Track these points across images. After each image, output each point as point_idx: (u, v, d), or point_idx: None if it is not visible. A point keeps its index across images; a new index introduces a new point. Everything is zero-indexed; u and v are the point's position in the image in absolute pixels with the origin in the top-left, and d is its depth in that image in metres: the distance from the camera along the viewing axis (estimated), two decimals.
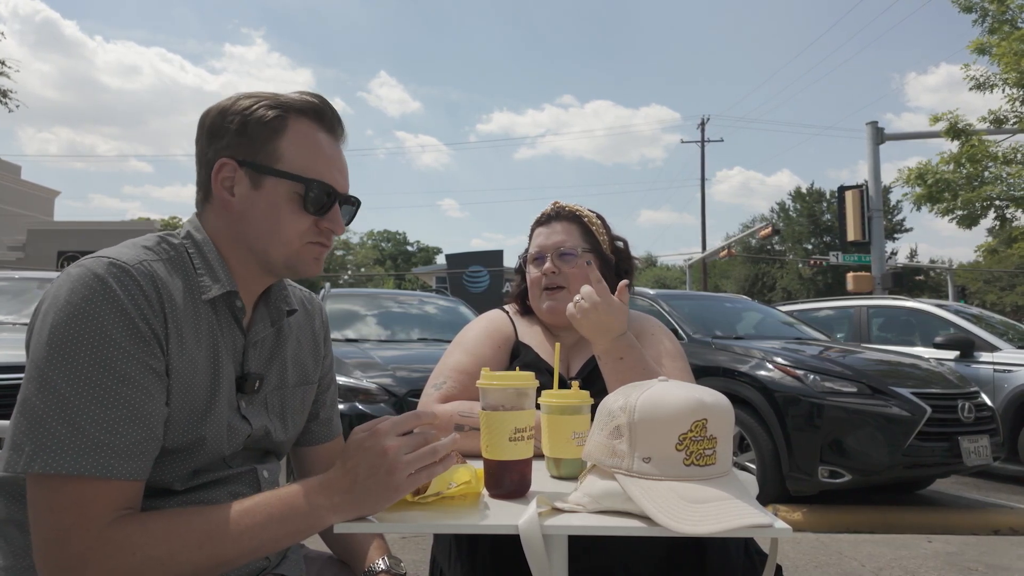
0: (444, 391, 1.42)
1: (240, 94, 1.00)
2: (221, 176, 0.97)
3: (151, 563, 0.78)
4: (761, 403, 4.22)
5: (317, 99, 1.02)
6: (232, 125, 0.97)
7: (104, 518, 0.79)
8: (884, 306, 7.13)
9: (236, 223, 0.98)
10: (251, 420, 1.00)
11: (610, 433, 0.90)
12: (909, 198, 13.19)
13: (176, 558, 0.79)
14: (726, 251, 23.80)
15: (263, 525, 0.83)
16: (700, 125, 31.29)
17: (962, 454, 4.10)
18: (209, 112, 1.00)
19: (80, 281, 0.83)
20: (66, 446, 0.78)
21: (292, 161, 0.98)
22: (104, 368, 0.81)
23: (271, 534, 0.83)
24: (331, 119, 1.03)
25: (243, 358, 1.01)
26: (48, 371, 0.79)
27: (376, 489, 0.83)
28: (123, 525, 0.79)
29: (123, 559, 0.78)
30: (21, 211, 32.93)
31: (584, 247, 1.59)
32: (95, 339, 0.81)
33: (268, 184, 0.97)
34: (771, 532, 0.80)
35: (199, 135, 1.00)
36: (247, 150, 0.97)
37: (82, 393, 0.79)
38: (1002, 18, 11.61)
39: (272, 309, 1.07)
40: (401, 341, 5.23)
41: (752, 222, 42.04)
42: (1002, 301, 32.84)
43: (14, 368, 2.86)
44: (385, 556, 1.11)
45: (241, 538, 0.82)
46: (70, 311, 0.81)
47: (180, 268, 0.95)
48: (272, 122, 0.97)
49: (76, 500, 0.78)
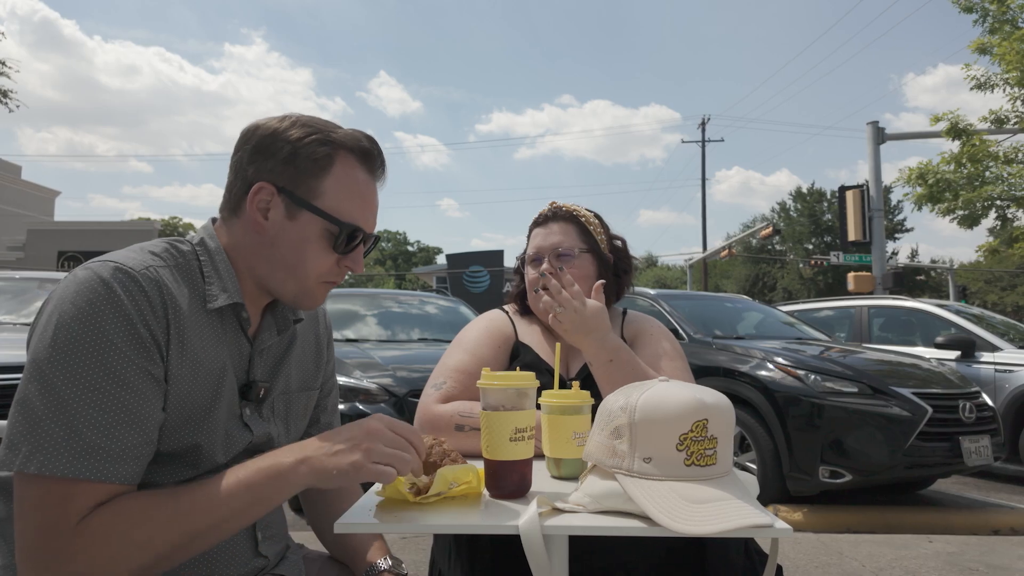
0: (444, 391, 1.42)
1: (295, 119, 0.99)
2: (258, 198, 0.97)
3: (130, 548, 0.79)
4: (762, 403, 4.21)
5: (368, 141, 1.02)
6: (281, 152, 0.96)
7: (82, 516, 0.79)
8: (885, 306, 7.12)
9: (263, 246, 0.98)
10: (253, 428, 1.00)
11: (611, 433, 0.90)
12: (910, 198, 13.17)
13: (153, 539, 0.80)
14: (727, 251, 23.80)
15: (232, 493, 0.83)
16: (700, 125, 31.30)
17: (963, 454, 4.09)
18: (258, 129, 0.99)
19: (85, 285, 0.84)
20: (62, 448, 0.78)
21: (331, 201, 0.98)
22: (104, 372, 0.81)
23: (241, 501, 0.84)
24: (376, 161, 1.03)
25: (249, 366, 1.01)
26: (49, 372, 0.80)
27: (338, 459, 0.84)
28: (98, 514, 0.80)
29: (102, 548, 0.79)
30: (21, 211, 32.94)
31: (582, 247, 1.58)
32: (97, 343, 0.81)
33: (303, 218, 0.97)
34: (771, 532, 0.80)
35: (242, 146, 0.99)
36: (290, 180, 0.97)
37: (81, 396, 0.80)
38: (1003, 18, 11.59)
39: (279, 318, 1.07)
40: (401, 341, 5.23)
41: (752, 222, 42.05)
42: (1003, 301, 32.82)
43: (14, 368, 2.86)
44: (386, 556, 1.11)
45: (213, 509, 0.83)
46: (74, 314, 0.82)
47: (187, 275, 0.95)
48: (321, 160, 0.97)
49: (64, 499, 0.79)
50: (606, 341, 1.36)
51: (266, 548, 1.04)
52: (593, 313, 1.36)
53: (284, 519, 1.14)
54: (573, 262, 1.56)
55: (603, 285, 1.44)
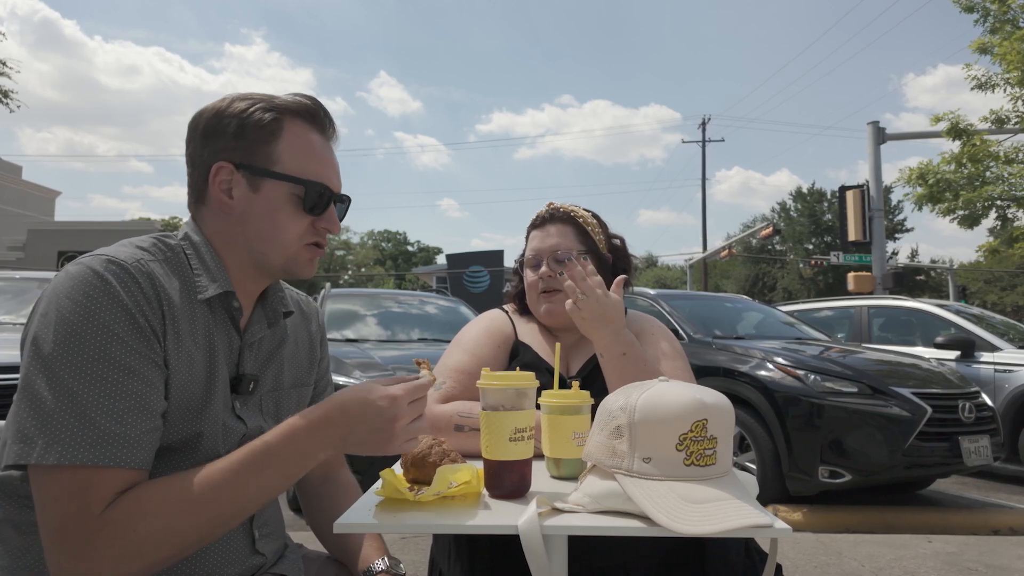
0: (444, 391, 1.42)
1: (234, 96, 1.01)
2: (219, 179, 0.98)
3: (154, 536, 0.80)
4: (761, 403, 4.22)
5: (311, 100, 1.03)
6: (229, 128, 0.97)
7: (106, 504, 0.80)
8: (885, 306, 7.13)
9: (235, 225, 0.99)
10: (246, 420, 1.01)
11: (610, 433, 0.90)
12: (910, 198, 13.17)
13: (176, 526, 0.81)
14: (727, 251, 23.81)
15: (256, 474, 0.85)
16: (701, 125, 31.30)
17: (962, 454, 4.10)
18: (203, 114, 1.00)
19: (80, 279, 0.85)
20: (78, 438, 0.79)
21: (289, 163, 0.99)
22: (110, 362, 0.82)
23: (265, 482, 0.85)
24: (324, 120, 1.04)
25: (239, 359, 1.01)
26: (55, 367, 0.80)
27: (370, 444, 0.88)
28: (119, 505, 0.80)
29: (126, 538, 0.79)
30: (21, 211, 32.95)
31: (580, 249, 1.58)
32: (99, 334, 0.82)
33: (266, 187, 0.98)
34: (771, 532, 0.80)
35: (192, 137, 1.00)
36: (244, 153, 0.98)
37: (90, 387, 0.81)
38: (1004, 18, 11.60)
39: (269, 311, 1.08)
40: (401, 341, 5.23)
41: (752, 222, 42.03)
42: (1003, 301, 32.82)
43: (14, 368, 2.86)
44: (384, 556, 1.11)
45: (236, 494, 0.84)
46: (72, 308, 0.83)
47: (177, 268, 0.95)
48: (269, 125, 0.98)
49: (85, 488, 0.79)
50: (620, 335, 1.37)
51: (263, 546, 1.04)
52: (614, 305, 1.37)
53: (281, 517, 1.15)
54: (571, 265, 1.56)
55: (624, 280, 1.46)
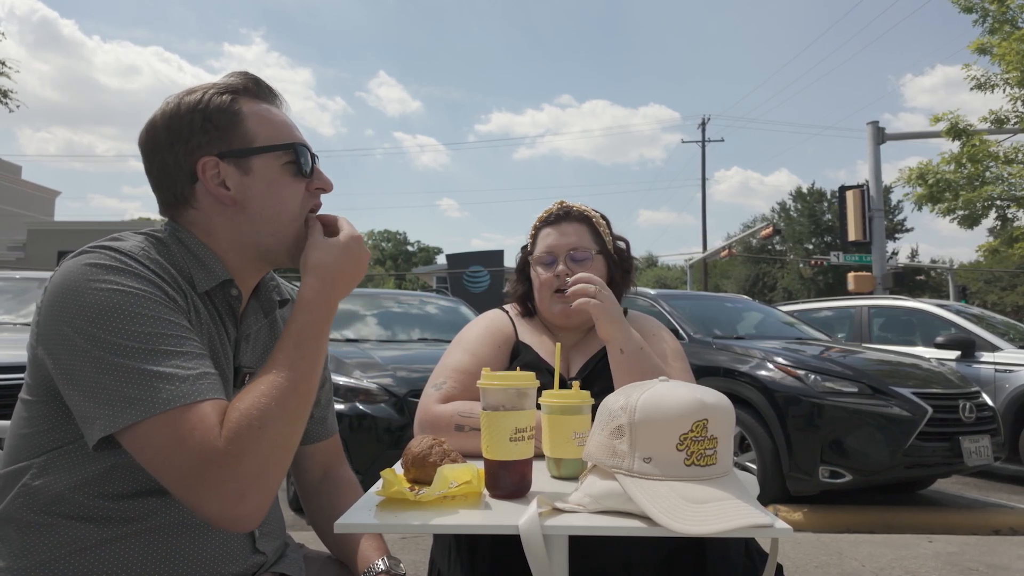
0: (444, 391, 1.42)
1: (174, 97, 0.99)
2: (209, 175, 0.97)
3: (273, 429, 0.82)
4: (762, 403, 4.21)
5: (249, 76, 1.03)
6: (194, 124, 0.96)
7: (218, 433, 0.80)
8: (885, 306, 7.12)
9: (236, 215, 0.98)
10: None
11: (611, 433, 0.90)
12: (910, 198, 13.16)
13: (281, 412, 0.83)
14: (727, 251, 23.81)
15: (300, 341, 0.89)
16: (701, 125, 31.29)
17: (963, 454, 4.09)
18: (155, 125, 0.98)
19: (97, 263, 0.85)
20: (176, 381, 0.80)
21: (264, 135, 0.99)
22: (159, 321, 0.84)
23: (310, 347, 0.90)
24: (268, 90, 1.04)
25: (235, 351, 1.01)
26: (114, 338, 0.81)
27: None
28: (230, 427, 0.81)
29: (254, 449, 0.80)
30: (21, 211, 32.95)
31: (595, 248, 1.59)
32: (137, 301, 0.84)
33: (256, 165, 0.98)
34: (771, 532, 0.80)
35: (154, 149, 0.98)
36: (221, 141, 0.97)
37: (157, 343, 0.82)
38: (1003, 18, 11.59)
39: (264, 301, 1.08)
40: (401, 341, 5.23)
41: (752, 222, 42.02)
42: (1003, 301, 32.80)
43: (14, 368, 2.86)
44: (384, 556, 1.11)
45: (301, 362, 0.88)
46: (98, 287, 0.83)
47: (171, 262, 0.95)
48: (230, 107, 0.98)
49: (195, 426, 0.79)
50: (632, 331, 1.42)
51: (263, 544, 1.04)
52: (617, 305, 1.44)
53: (281, 516, 1.14)
54: (588, 264, 1.56)
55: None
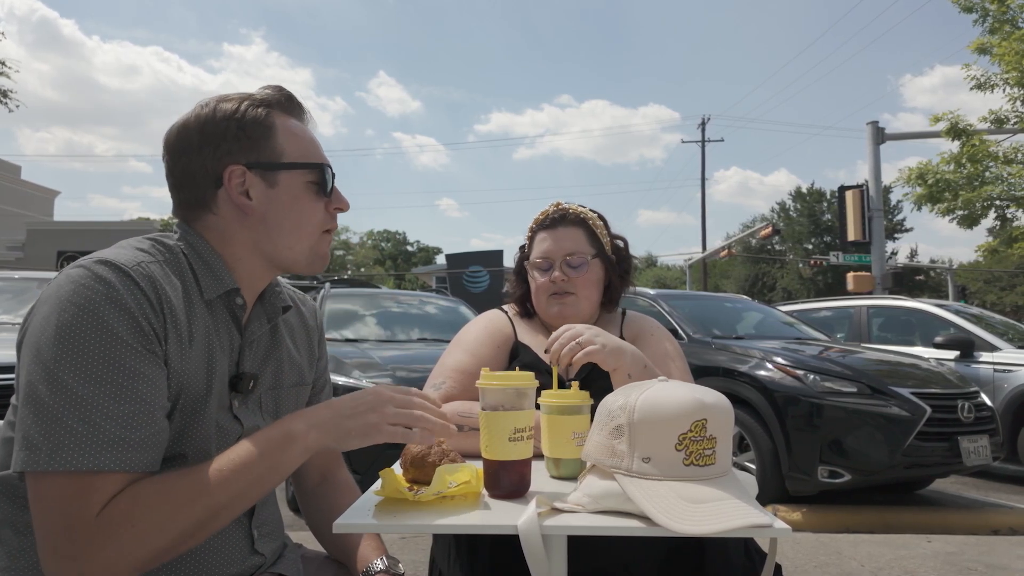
0: (444, 391, 1.42)
1: (208, 102, 0.99)
2: (234, 183, 0.97)
3: (152, 529, 0.80)
4: (761, 403, 4.22)
5: (283, 91, 1.04)
6: (229, 131, 0.97)
7: (103, 506, 0.80)
8: (884, 306, 7.13)
9: (255, 225, 0.99)
10: (243, 420, 1.00)
11: (610, 433, 0.90)
12: (909, 198, 13.17)
13: (174, 518, 0.81)
14: (726, 251, 23.81)
15: (247, 464, 0.86)
16: (700, 125, 31.29)
17: (962, 454, 4.10)
18: (187, 126, 0.98)
19: (82, 283, 0.84)
20: (84, 443, 0.79)
21: (293, 152, 1.00)
22: (115, 365, 0.82)
23: (256, 471, 0.86)
24: (299, 107, 1.06)
25: (239, 357, 1.01)
26: (58, 371, 0.80)
27: (354, 422, 0.90)
28: (116, 503, 0.80)
29: (122, 535, 0.79)
30: (21, 211, 32.93)
31: (591, 252, 1.58)
32: (103, 337, 0.82)
33: (282, 179, 0.99)
34: (770, 532, 0.80)
35: (184, 149, 0.98)
36: (252, 152, 0.98)
37: (96, 390, 0.80)
38: (1003, 18, 11.60)
39: (268, 307, 1.08)
40: (401, 341, 5.23)
41: (752, 222, 42.02)
42: (1002, 301, 32.82)
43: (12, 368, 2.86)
44: (383, 556, 1.11)
45: (229, 482, 0.84)
46: (75, 312, 0.82)
47: (176, 269, 0.95)
48: (264, 120, 0.99)
49: (86, 492, 0.79)
50: (629, 349, 1.31)
51: (262, 546, 1.04)
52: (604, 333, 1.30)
53: (280, 517, 1.15)
54: (584, 269, 1.55)
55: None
